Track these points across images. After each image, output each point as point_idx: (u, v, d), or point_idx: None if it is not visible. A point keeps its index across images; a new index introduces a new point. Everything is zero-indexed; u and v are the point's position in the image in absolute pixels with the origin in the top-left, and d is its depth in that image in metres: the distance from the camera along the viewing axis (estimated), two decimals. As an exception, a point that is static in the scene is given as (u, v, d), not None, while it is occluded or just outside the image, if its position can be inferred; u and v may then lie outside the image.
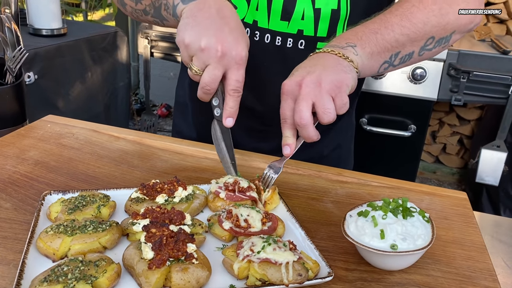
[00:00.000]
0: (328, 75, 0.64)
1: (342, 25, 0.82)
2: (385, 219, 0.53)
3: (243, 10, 0.82)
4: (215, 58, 0.65)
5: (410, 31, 0.75)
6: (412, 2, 0.77)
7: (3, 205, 0.62)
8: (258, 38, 0.83)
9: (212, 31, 0.65)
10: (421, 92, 2.08)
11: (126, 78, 2.32)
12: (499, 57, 1.99)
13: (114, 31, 2.16)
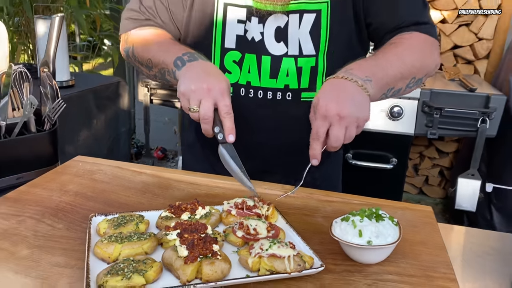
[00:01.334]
0: (361, 113, 0.82)
1: (321, 77, 1.00)
2: (362, 222, 0.69)
3: (237, 74, 1.01)
4: (204, 94, 0.84)
5: (404, 70, 0.93)
6: (404, 46, 0.96)
7: (56, 226, 0.76)
8: (252, 95, 1.02)
9: (199, 78, 0.86)
10: (399, 128, 2.28)
11: (127, 124, 2.49)
12: (467, 95, 2.21)
13: (117, 81, 2.35)
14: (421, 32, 0.97)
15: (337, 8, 0.98)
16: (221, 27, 1.01)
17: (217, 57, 1.03)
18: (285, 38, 0.99)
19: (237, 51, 1.02)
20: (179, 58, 0.91)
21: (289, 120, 1.03)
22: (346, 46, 1.01)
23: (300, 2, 0.97)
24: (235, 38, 1.01)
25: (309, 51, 0.99)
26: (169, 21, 1.04)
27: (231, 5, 0.99)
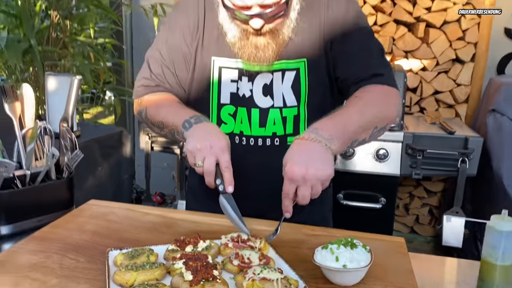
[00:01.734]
0: (324, 172, 0.93)
1: (303, 123, 1.16)
2: (338, 249, 0.82)
3: (231, 125, 1.18)
4: (208, 152, 0.99)
5: (365, 123, 1.05)
6: (364, 100, 1.10)
7: (79, 260, 0.89)
8: (244, 142, 1.17)
9: (203, 138, 1.01)
10: (386, 169, 2.43)
11: (129, 171, 2.63)
12: (447, 137, 2.38)
13: (120, 131, 2.51)
14: (381, 84, 1.12)
15: (313, 66, 1.15)
16: (217, 86, 1.18)
17: (214, 111, 1.19)
18: (271, 93, 1.16)
19: (231, 105, 1.18)
20: (186, 121, 1.07)
21: (278, 164, 1.17)
22: (322, 97, 1.17)
23: (282, 62, 1.14)
24: (229, 95, 1.18)
25: (291, 102, 1.16)
26: (176, 84, 1.20)
27: (225, 68, 1.17)
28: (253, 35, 1.09)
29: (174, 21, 1.21)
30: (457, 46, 2.91)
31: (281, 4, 1.04)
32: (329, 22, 1.15)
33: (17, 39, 2.39)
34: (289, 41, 1.13)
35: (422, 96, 3.03)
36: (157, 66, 1.21)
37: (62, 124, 1.18)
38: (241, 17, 1.05)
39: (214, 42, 1.17)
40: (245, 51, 1.12)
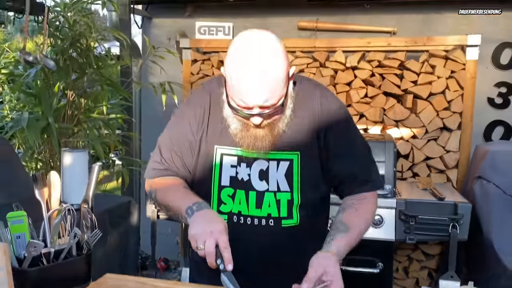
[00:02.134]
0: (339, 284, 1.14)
1: (296, 208, 1.32)
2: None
3: (230, 205, 1.34)
4: (208, 236, 1.15)
5: (360, 238, 1.30)
6: (363, 217, 1.32)
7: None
8: (242, 221, 1.33)
9: (204, 224, 1.18)
10: (381, 234, 2.54)
11: (136, 238, 2.75)
12: (438, 203, 2.52)
13: (128, 201, 2.66)
14: (371, 190, 1.36)
15: (306, 158, 1.33)
16: (219, 170, 1.35)
17: (215, 192, 1.35)
18: (266, 178, 1.32)
19: (231, 188, 1.35)
20: (189, 208, 1.23)
21: (273, 242, 1.32)
22: (313, 185, 1.34)
23: (277, 152, 1.32)
24: (229, 178, 1.35)
25: (285, 188, 1.32)
26: (182, 167, 1.38)
27: (225, 155, 1.34)
28: (253, 127, 1.27)
29: (183, 113, 1.40)
30: (443, 115, 3.11)
31: (277, 106, 1.22)
32: (322, 121, 1.34)
33: (36, 118, 2.60)
34: (284, 134, 1.32)
35: (414, 162, 3.20)
36: (167, 151, 1.39)
37: (83, 205, 1.33)
38: (243, 115, 1.23)
39: (218, 134, 1.35)
40: (245, 141, 1.30)
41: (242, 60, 1.17)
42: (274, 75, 1.17)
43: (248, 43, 1.19)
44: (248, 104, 1.20)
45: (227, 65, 1.22)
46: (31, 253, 1.18)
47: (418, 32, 3.31)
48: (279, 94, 1.21)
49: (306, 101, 1.35)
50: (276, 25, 3.60)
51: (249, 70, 1.16)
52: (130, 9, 3.52)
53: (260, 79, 1.16)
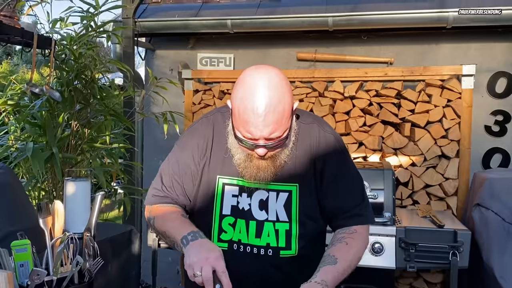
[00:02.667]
0: None
1: (295, 239, 1.34)
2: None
3: (231, 233, 1.36)
4: (204, 262, 1.17)
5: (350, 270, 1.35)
6: (353, 251, 1.35)
7: None
8: (242, 249, 1.35)
9: (199, 253, 1.21)
10: (381, 262, 2.54)
11: (137, 267, 2.75)
12: (437, 230, 2.53)
13: (130, 229, 2.68)
14: (362, 224, 1.38)
15: (304, 189, 1.37)
16: (220, 199, 1.38)
17: (216, 220, 1.38)
18: (266, 208, 1.36)
19: (232, 217, 1.38)
20: (184, 237, 1.27)
21: (271, 272, 1.35)
22: (311, 217, 1.38)
23: (277, 184, 1.36)
24: (230, 208, 1.38)
25: (283, 218, 1.35)
26: (182, 195, 1.41)
27: (227, 185, 1.38)
28: (256, 158, 1.31)
29: (186, 143, 1.45)
30: (441, 143, 3.16)
31: (282, 138, 1.27)
32: (319, 154, 1.39)
33: (40, 148, 2.65)
34: (285, 166, 1.36)
35: (413, 189, 3.22)
36: (168, 179, 1.43)
37: (86, 233, 1.36)
38: (248, 146, 1.28)
39: (220, 164, 1.39)
40: (247, 171, 1.34)
41: (250, 94, 1.23)
42: (280, 109, 1.23)
43: (256, 78, 1.25)
44: (254, 136, 1.24)
45: (234, 98, 1.27)
46: (34, 281, 1.20)
47: (415, 62, 3.39)
48: (284, 127, 1.26)
49: (305, 134, 1.40)
50: (276, 56, 3.70)
51: (257, 104, 1.21)
52: (134, 41, 3.62)
53: (267, 113, 1.21)
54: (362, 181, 1.46)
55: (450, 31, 3.29)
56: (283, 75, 1.28)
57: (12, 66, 7.87)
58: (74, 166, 2.90)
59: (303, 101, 3.41)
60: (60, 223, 1.35)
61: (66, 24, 2.93)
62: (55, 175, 2.79)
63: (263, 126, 1.23)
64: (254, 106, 1.22)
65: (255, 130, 1.23)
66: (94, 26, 2.93)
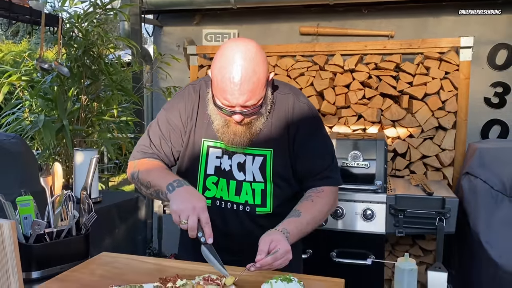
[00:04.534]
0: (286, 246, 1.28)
1: (270, 198, 1.48)
2: (276, 283, 1.11)
3: (214, 191, 1.50)
4: (191, 212, 1.29)
5: (314, 225, 1.45)
6: (317, 207, 1.47)
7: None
8: (223, 206, 1.50)
9: (186, 200, 1.32)
10: (372, 228, 2.67)
11: (143, 233, 2.94)
12: (426, 198, 2.62)
13: (136, 196, 2.86)
14: (329, 185, 1.51)
15: (278, 154, 1.49)
16: (205, 160, 1.52)
17: (201, 179, 1.53)
18: (243, 170, 1.49)
19: (215, 176, 1.52)
20: (170, 184, 1.39)
21: (249, 225, 1.49)
22: (284, 179, 1.51)
23: (253, 149, 1.49)
24: (214, 168, 1.52)
25: (259, 179, 1.49)
26: (169, 154, 1.55)
27: (211, 147, 1.52)
28: (233, 124, 1.44)
29: (174, 105, 1.57)
30: (438, 115, 3.21)
31: (257, 106, 1.39)
32: (293, 122, 1.51)
33: (52, 120, 2.84)
34: (260, 132, 1.48)
35: (411, 160, 3.30)
36: (156, 138, 1.56)
37: (82, 192, 1.53)
38: (226, 112, 1.40)
39: (204, 128, 1.52)
40: (225, 136, 1.47)
41: (228, 64, 1.35)
42: (254, 79, 1.35)
43: (234, 50, 1.36)
44: (231, 103, 1.36)
45: (214, 68, 1.39)
46: (35, 230, 1.38)
47: (416, 35, 3.43)
48: (259, 96, 1.38)
49: (281, 103, 1.52)
50: (279, 31, 3.78)
51: (233, 74, 1.34)
52: (141, 18, 3.74)
53: (242, 82, 1.33)
54: (332, 147, 1.57)
55: (450, 4, 3.31)
56: (260, 48, 1.40)
57: (32, 45, 8.11)
58: (85, 138, 3.09)
59: (304, 75, 3.50)
60: (59, 182, 1.51)
61: (74, 2, 3.08)
62: (68, 147, 2.98)
63: (239, 94, 1.35)
64: (231, 76, 1.34)
65: (232, 98, 1.35)
66: (101, 4, 3.06)
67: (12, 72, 3.05)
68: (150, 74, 3.66)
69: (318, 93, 3.47)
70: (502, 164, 2.55)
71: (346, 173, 2.72)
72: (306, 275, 1.34)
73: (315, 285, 1.26)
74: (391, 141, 3.33)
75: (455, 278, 2.78)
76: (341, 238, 2.75)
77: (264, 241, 1.29)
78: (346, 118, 3.41)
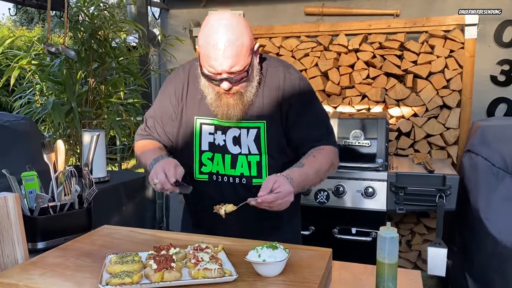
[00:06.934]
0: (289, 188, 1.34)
1: (265, 169, 1.53)
2: (262, 249, 1.16)
3: (210, 166, 1.56)
4: (159, 171, 1.39)
5: (315, 179, 1.50)
6: (319, 162, 1.51)
7: (87, 260, 1.27)
8: (220, 179, 1.55)
9: (158, 166, 1.42)
10: (373, 205, 2.71)
11: (151, 210, 3.04)
12: (427, 175, 2.65)
13: (143, 176, 2.95)
14: (328, 144, 1.55)
15: (271, 126, 1.54)
16: (198, 137, 1.58)
17: (197, 156, 1.59)
18: (239, 143, 1.54)
19: (210, 152, 1.57)
20: (154, 159, 1.48)
21: (245, 198, 1.54)
22: (279, 149, 1.55)
23: (247, 121, 1.53)
24: (208, 144, 1.57)
25: (254, 151, 1.54)
26: (163, 135, 1.62)
27: (204, 124, 1.57)
28: (225, 96, 1.49)
29: (165, 89, 1.65)
30: (443, 94, 3.21)
31: (242, 72, 1.44)
32: (285, 93, 1.55)
33: (61, 103, 2.92)
34: (253, 105, 1.53)
35: (415, 139, 3.32)
36: (151, 121, 1.64)
37: (84, 168, 1.60)
38: (214, 83, 1.45)
39: (197, 105, 1.58)
40: (219, 110, 1.52)
41: (212, 32, 1.40)
42: (238, 44, 1.39)
43: (217, 19, 1.42)
44: (217, 69, 1.41)
45: (199, 38, 1.45)
46: (39, 204, 1.46)
47: (422, 13, 3.39)
48: (244, 62, 1.42)
49: (271, 76, 1.56)
50: (284, 11, 3.78)
51: (217, 40, 1.39)
52: (147, 1, 3.78)
53: (226, 47, 1.38)
54: (327, 115, 1.62)
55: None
56: (244, 19, 1.45)
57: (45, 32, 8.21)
58: (94, 120, 3.17)
59: (308, 55, 3.51)
60: (61, 159, 1.59)
61: (80, -13, 3.13)
62: (77, 128, 3.07)
63: (223, 59, 1.39)
64: (214, 42, 1.39)
65: (216, 64, 1.40)
66: (106, -12, 3.11)
67: (22, 56, 3.13)
68: (157, 56, 3.71)
69: (323, 73, 3.49)
70: (504, 142, 2.55)
71: (348, 152, 2.76)
72: (294, 245, 1.39)
73: (302, 253, 1.31)
74: (396, 120, 3.34)
75: (456, 254, 2.81)
76: (343, 215, 2.80)
77: (268, 180, 1.35)
78: (351, 98, 3.43)
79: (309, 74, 3.47)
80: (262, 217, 1.57)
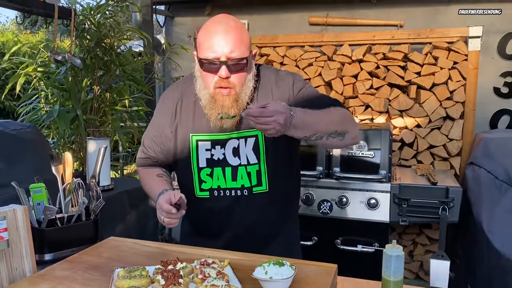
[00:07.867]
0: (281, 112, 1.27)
1: (265, 176, 1.54)
2: (268, 266, 1.17)
3: (210, 182, 1.57)
4: (158, 210, 1.44)
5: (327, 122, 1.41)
6: (332, 111, 1.45)
7: (95, 274, 1.28)
8: (222, 194, 1.56)
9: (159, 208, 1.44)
10: (376, 216, 2.72)
11: (154, 217, 3.03)
12: (430, 187, 2.66)
13: (147, 184, 2.95)
14: (334, 105, 1.48)
15: None
16: (195, 154, 1.58)
17: (195, 173, 1.59)
18: (238, 154, 1.55)
19: (208, 168, 1.58)
20: (159, 194, 1.48)
21: (248, 208, 1.55)
22: (277, 155, 1.56)
23: (244, 130, 1.54)
24: (205, 160, 1.58)
25: (253, 160, 1.55)
26: (161, 154, 1.63)
27: (200, 141, 1.57)
28: (220, 94, 1.47)
29: (159, 109, 1.68)
30: (446, 105, 3.23)
31: (241, 60, 1.44)
32: (279, 91, 1.56)
33: (66, 110, 2.94)
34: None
35: (418, 150, 3.33)
36: (148, 141, 1.66)
37: (92, 180, 1.62)
38: (213, 69, 1.43)
39: (191, 122, 1.58)
40: (213, 112, 1.51)
41: (213, 24, 1.44)
42: (238, 32, 1.43)
43: (217, 18, 1.47)
44: (217, 52, 1.42)
45: (199, 36, 1.47)
46: (47, 216, 1.47)
47: (425, 24, 3.42)
48: (242, 52, 1.44)
49: (265, 81, 1.58)
50: (288, 21, 3.80)
51: (218, 28, 1.42)
52: (153, 9, 3.81)
53: (227, 33, 1.42)
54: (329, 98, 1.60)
55: (461, -7, 3.29)
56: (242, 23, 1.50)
57: (48, 35, 8.26)
58: (98, 128, 3.18)
59: (312, 65, 3.53)
60: (69, 170, 1.60)
61: (87, -5, 3.15)
62: (82, 136, 3.08)
63: (225, 42, 1.41)
64: (217, 29, 1.43)
65: (218, 47, 1.42)
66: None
67: (28, 63, 3.15)
68: (162, 64, 3.73)
69: (326, 83, 3.51)
70: (507, 154, 2.56)
71: (351, 162, 2.77)
72: (301, 260, 1.40)
73: (308, 269, 1.32)
74: (399, 131, 3.35)
75: (459, 267, 2.81)
76: (346, 226, 2.81)
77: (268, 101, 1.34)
78: (354, 108, 3.44)
79: (313, 83, 3.49)
80: (261, 228, 1.59)
